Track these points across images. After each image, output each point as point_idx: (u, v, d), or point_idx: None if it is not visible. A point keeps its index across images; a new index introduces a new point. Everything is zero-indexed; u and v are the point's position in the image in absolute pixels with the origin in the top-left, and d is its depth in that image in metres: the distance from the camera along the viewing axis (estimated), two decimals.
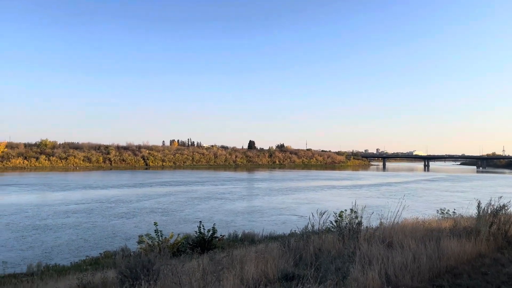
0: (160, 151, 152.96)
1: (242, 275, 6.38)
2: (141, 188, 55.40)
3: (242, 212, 32.48)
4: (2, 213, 30.13)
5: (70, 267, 14.86)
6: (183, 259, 9.26)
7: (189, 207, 35.39)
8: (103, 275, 8.58)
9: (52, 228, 24.67)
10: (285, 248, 8.77)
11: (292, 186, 60.77)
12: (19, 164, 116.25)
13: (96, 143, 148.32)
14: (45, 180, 67.99)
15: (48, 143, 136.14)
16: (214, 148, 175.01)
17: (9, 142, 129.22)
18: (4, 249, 19.26)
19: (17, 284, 11.43)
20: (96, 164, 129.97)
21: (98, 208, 33.98)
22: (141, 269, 6.98)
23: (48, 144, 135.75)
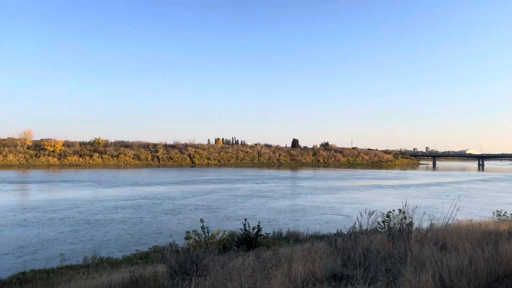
0: (206, 149, 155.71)
1: (290, 274, 6.34)
2: (187, 185, 56.49)
3: (285, 211, 32.11)
4: (58, 208, 31.75)
5: (122, 260, 15.43)
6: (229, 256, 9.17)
7: (232, 204, 35.52)
8: (154, 269, 8.73)
9: (102, 223, 25.63)
10: (332, 247, 8.54)
11: (336, 185, 59.54)
12: (75, 162, 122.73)
13: (145, 142, 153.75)
14: (97, 177, 71.16)
15: (100, 142, 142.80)
16: (257, 146, 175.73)
17: (65, 140, 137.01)
18: (59, 242, 20.22)
19: (74, 275, 11.94)
20: (145, 162, 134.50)
21: (145, 204, 34.93)
22: (190, 264, 7.08)
23: (101, 142, 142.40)
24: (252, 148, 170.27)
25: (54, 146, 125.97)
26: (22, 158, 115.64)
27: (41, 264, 15.72)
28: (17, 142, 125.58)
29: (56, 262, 15.84)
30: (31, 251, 18.13)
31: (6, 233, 22.05)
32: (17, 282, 11.87)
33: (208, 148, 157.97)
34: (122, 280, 7.72)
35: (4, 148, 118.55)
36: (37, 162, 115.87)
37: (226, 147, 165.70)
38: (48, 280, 11.60)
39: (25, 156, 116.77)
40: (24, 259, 16.71)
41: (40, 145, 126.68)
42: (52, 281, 11.29)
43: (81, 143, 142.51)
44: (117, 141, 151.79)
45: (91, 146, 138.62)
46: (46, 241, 20.20)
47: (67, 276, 11.80)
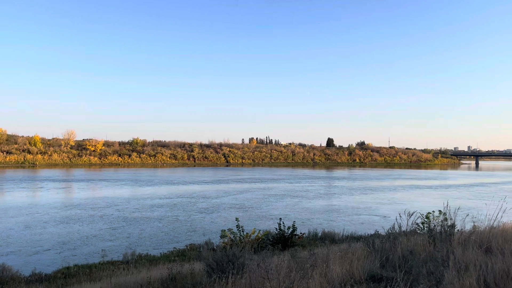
0: (240, 148, 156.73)
1: (327, 274, 6.23)
2: (221, 184, 57.05)
3: (319, 211, 31.75)
4: (97, 206, 32.90)
5: (160, 257, 15.76)
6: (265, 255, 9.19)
7: (265, 204, 35.51)
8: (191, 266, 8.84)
9: (138, 221, 26.27)
10: (370, 248, 8.36)
11: (372, 185, 58.27)
12: (115, 161, 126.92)
13: (181, 141, 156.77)
14: (135, 176, 73.19)
15: (139, 142, 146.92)
16: (292, 146, 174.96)
17: (106, 140, 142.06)
18: (98, 239, 20.88)
19: (115, 271, 12.33)
20: (181, 161, 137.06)
21: (180, 203, 35.56)
22: (227, 262, 7.14)
23: (139, 142, 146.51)
24: (286, 147, 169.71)
25: (95, 146, 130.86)
26: (66, 157, 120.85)
27: (80, 259, 16.26)
28: (61, 142, 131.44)
29: (94, 258, 16.37)
30: (71, 247, 18.81)
31: (49, 229, 23.01)
32: (62, 276, 12.40)
33: (242, 148, 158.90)
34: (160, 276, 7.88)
35: (49, 148, 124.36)
36: (79, 161, 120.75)
37: (260, 147, 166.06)
38: (91, 275, 12.04)
39: (68, 156, 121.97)
40: (64, 255, 17.36)
41: (82, 145, 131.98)
42: (95, 276, 11.70)
43: (120, 143, 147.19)
44: (155, 141, 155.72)
45: (129, 146, 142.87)
46: (86, 238, 20.90)
47: (109, 271, 12.21)
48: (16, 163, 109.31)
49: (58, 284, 10.66)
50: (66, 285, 10.47)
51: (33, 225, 24.27)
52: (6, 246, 18.89)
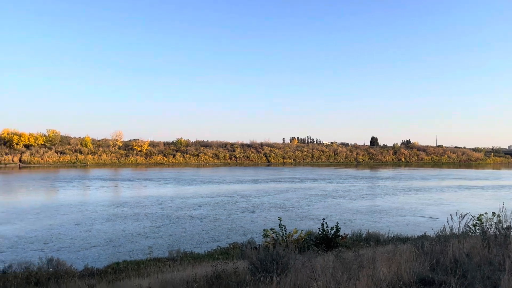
0: (281, 148, 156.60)
1: (374, 276, 6.07)
2: (262, 184, 57.27)
3: (362, 211, 31.08)
4: (142, 204, 34.04)
5: (204, 255, 16.04)
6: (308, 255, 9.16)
7: (306, 204, 35.21)
8: (234, 265, 8.93)
9: (181, 219, 26.86)
10: (419, 250, 8.10)
11: (418, 186, 56.26)
12: (160, 161, 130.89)
13: (223, 141, 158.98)
14: (179, 175, 75.04)
15: (182, 142, 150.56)
16: (334, 145, 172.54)
17: (151, 141, 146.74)
18: (142, 236, 21.55)
19: (161, 267, 12.73)
20: (223, 161, 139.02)
21: (222, 202, 36.05)
22: (271, 261, 7.14)
23: (182, 142, 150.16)
24: (328, 146, 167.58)
25: (141, 146, 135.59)
26: (114, 157, 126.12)
27: (125, 256, 16.80)
28: (109, 142, 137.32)
29: (138, 255, 16.88)
30: (116, 244, 19.52)
31: (97, 227, 24.04)
32: (112, 271, 12.96)
33: (283, 147, 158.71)
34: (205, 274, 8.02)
35: (99, 148, 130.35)
36: (126, 161, 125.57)
37: (301, 146, 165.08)
38: (139, 271, 12.49)
39: (116, 156, 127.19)
40: (110, 252, 18.05)
41: (129, 146, 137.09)
42: (142, 272, 12.12)
43: (165, 143, 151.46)
44: (198, 141, 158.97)
45: (174, 146, 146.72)
46: (130, 235, 21.63)
47: (155, 268, 12.63)
48: (69, 162, 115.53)
49: (109, 279, 11.13)
50: (116, 279, 10.91)
51: (82, 222, 25.45)
52: (57, 242, 19.93)
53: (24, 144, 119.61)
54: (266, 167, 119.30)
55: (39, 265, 13.93)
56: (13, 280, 11.48)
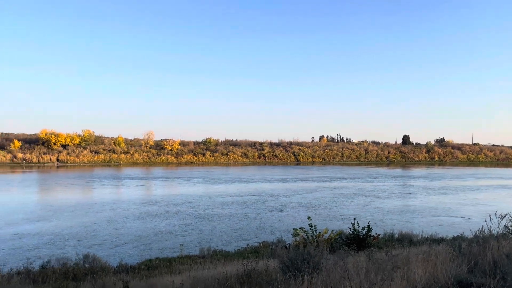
0: (310, 147, 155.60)
1: (409, 277, 5.98)
2: (290, 183, 57.17)
3: (393, 211, 30.52)
4: (172, 203, 34.77)
5: (234, 253, 16.30)
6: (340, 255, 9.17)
7: (335, 203, 34.92)
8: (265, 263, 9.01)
9: (210, 218, 27.26)
10: (456, 251, 7.94)
11: (452, 185, 54.59)
12: (190, 160, 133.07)
13: (252, 140, 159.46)
14: (208, 174, 76.00)
15: (212, 141, 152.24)
16: (364, 143, 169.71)
17: (181, 140, 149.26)
18: (171, 234, 22.02)
19: (193, 265, 13.04)
20: (252, 160, 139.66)
21: (250, 200, 36.29)
22: (301, 261, 7.14)
23: (212, 141, 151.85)
24: (358, 145, 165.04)
25: (172, 145, 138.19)
26: (146, 156, 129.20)
27: (155, 253, 17.24)
28: (141, 142, 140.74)
29: (168, 252, 17.30)
30: (147, 242, 20.03)
31: (128, 224, 24.78)
32: (145, 268, 13.41)
33: (312, 146, 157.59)
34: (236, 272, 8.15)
35: (131, 148, 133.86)
36: (158, 160, 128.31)
37: (331, 145, 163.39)
38: (171, 268, 12.85)
39: (148, 155, 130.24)
40: (141, 249, 18.56)
41: (160, 145, 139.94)
42: (174, 269, 12.47)
43: (194, 142, 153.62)
44: (227, 140, 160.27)
45: (203, 145, 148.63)
46: (160, 233, 22.15)
47: (187, 265, 12.94)
48: (103, 162, 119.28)
49: (142, 275, 11.52)
50: (149, 276, 11.28)
51: (115, 220, 26.28)
52: (91, 239, 20.69)
53: (61, 144, 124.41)
54: (295, 166, 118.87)
55: (76, 261, 14.56)
56: (52, 275, 12.06)
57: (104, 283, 8.88)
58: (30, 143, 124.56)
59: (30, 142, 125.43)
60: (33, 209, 30.93)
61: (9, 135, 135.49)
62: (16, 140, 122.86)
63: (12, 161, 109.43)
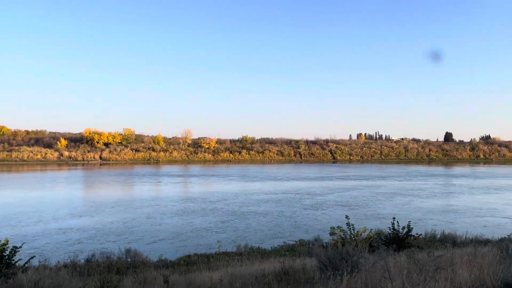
0: (347, 145, 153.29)
1: (454, 279, 5.87)
2: (326, 181, 56.62)
3: (434, 211, 29.54)
4: (208, 200, 35.41)
5: (271, 251, 16.40)
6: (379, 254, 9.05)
7: (372, 202, 34.24)
8: (302, 261, 9.03)
9: (245, 215, 27.53)
10: (503, 253, 7.65)
11: (498, 184, 52.04)
12: (226, 157, 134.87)
13: (288, 138, 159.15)
14: (244, 172, 76.63)
15: (248, 139, 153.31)
16: (404, 141, 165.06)
17: (218, 138, 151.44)
18: (207, 231, 22.40)
19: (230, 261, 13.28)
20: (288, 158, 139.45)
21: (285, 199, 36.30)
22: (340, 260, 7.15)
23: (248, 139, 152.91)
24: (397, 143, 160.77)
25: (209, 143, 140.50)
26: (184, 154, 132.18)
27: (191, 250, 17.57)
28: (179, 140, 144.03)
29: (203, 249, 17.60)
30: (183, 238, 20.50)
31: (166, 221, 25.44)
32: (184, 263, 13.79)
33: (349, 144, 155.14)
34: (273, 269, 8.22)
35: (170, 146, 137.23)
36: (195, 158, 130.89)
37: (369, 143, 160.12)
38: (209, 264, 13.15)
39: (186, 153, 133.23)
40: (177, 245, 19.02)
41: (197, 143, 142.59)
42: (212, 265, 12.74)
43: (231, 140, 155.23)
44: (262, 138, 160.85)
45: (239, 143, 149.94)
46: (196, 230, 22.60)
47: (224, 262, 13.19)
48: (143, 159, 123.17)
49: (181, 270, 11.85)
50: (188, 271, 11.58)
51: (153, 216, 27.08)
52: (130, 234, 21.44)
53: (103, 143, 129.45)
54: (332, 164, 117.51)
55: (119, 255, 15.16)
56: (96, 268, 12.65)
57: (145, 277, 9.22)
58: (75, 142, 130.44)
59: (75, 141, 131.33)
60: (77, 205, 32.44)
61: (56, 134, 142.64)
62: (63, 139, 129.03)
63: (59, 158, 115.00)
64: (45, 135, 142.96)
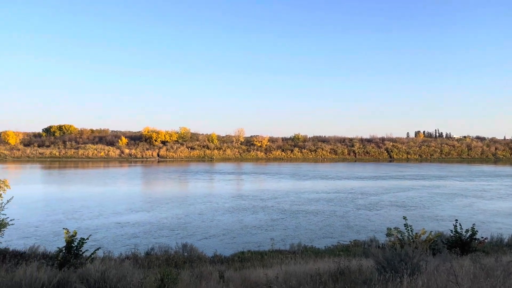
0: (405, 143, 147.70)
1: None
2: (382, 181, 54.96)
3: (499, 214, 27.71)
4: (259, 198, 35.81)
5: (325, 251, 16.39)
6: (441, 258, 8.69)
7: (431, 203, 32.78)
8: (358, 262, 8.92)
9: (296, 214, 27.52)
10: None
11: None
12: (278, 156, 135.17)
13: (341, 136, 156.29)
14: (295, 170, 76.38)
15: (300, 137, 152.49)
16: (467, 139, 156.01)
17: (270, 136, 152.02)
18: (256, 229, 22.66)
19: (283, 259, 13.43)
20: (341, 156, 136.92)
21: (337, 198, 35.79)
22: (399, 261, 6.98)
23: (300, 138, 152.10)
24: (459, 141, 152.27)
25: (261, 142, 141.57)
26: (237, 152, 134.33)
27: (240, 247, 17.86)
28: (232, 138, 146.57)
29: (252, 247, 17.80)
30: (232, 235, 20.86)
31: (217, 217, 26.07)
32: (238, 260, 14.08)
33: (407, 142, 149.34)
34: (328, 269, 8.16)
35: (223, 144, 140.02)
36: (248, 156, 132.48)
37: (428, 141, 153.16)
38: (263, 261, 13.31)
39: (238, 151, 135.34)
40: (227, 242, 19.42)
41: (250, 141, 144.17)
42: (266, 262, 12.89)
43: (283, 138, 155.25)
44: (315, 136, 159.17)
45: (291, 141, 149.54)
46: (246, 227, 22.92)
47: (278, 259, 13.30)
48: (198, 157, 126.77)
49: (236, 267, 12.10)
50: (242, 268, 11.81)
51: (205, 212, 27.84)
52: (183, 230, 22.19)
53: (161, 141, 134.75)
54: (388, 163, 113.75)
55: (176, 249, 15.75)
56: (155, 261, 13.28)
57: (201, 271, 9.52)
58: (135, 140, 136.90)
59: (135, 139, 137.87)
60: (135, 200, 34.11)
61: (117, 133, 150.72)
62: (123, 137, 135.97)
63: (120, 156, 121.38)
64: (107, 133, 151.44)
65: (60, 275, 6.60)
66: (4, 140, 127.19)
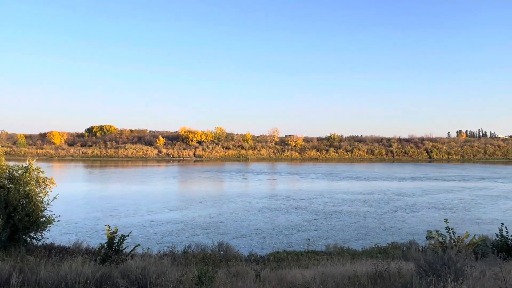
0: (445, 143, 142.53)
1: None
2: (420, 182, 53.37)
3: None
4: (292, 198, 35.73)
5: (362, 252, 16.14)
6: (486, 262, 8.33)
7: (472, 206, 31.58)
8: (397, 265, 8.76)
9: (328, 214, 27.24)
10: None
11: None
12: (313, 156, 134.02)
13: (378, 136, 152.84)
14: (331, 171, 75.42)
15: (335, 137, 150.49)
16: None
17: (305, 136, 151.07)
18: (289, 229, 22.59)
19: (319, 260, 13.38)
20: (379, 156, 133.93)
21: (373, 199, 35.16)
22: (441, 265, 6.78)
23: (335, 137, 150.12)
24: (505, 141, 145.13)
25: (296, 141, 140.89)
26: (271, 152, 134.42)
27: (269, 247, 17.81)
28: (267, 138, 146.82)
29: (284, 247, 17.72)
30: (262, 236, 20.87)
31: (249, 217, 26.16)
32: (273, 260, 14.10)
33: (448, 142, 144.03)
34: (366, 271, 8.01)
35: (258, 144, 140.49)
36: (282, 156, 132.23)
37: (470, 141, 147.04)
38: (298, 261, 13.27)
39: (273, 151, 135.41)
40: (256, 242, 19.45)
41: (284, 141, 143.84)
42: (302, 263, 12.84)
43: (318, 138, 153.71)
44: (351, 136, 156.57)
45: (327, 141, 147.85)
46: (278, 227, 22.90)
47: (313, 260, 13.20)
48: (233, 157, 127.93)
49: (271, 266, 12.12)
50: (278, 267, 11.81)
51: (237, 212, 28.07)
52: (215, 229, 22.46)
53: (197, 141, 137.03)
54: (427, 164, 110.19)
55: (212, 248, 15.95)
56: (192, 259, 13.53)
57: (237, 270, 9.60)
58: (172, 140, 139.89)
59: (172, 139, 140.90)
60: (170, 199, 34.87)
61: (155, 133, 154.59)
62: (161, 137, 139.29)
63: (157, 155, 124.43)
64: (146, 133, 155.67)
65: (103, 270, 6.84)
66: (50, 140, 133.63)
